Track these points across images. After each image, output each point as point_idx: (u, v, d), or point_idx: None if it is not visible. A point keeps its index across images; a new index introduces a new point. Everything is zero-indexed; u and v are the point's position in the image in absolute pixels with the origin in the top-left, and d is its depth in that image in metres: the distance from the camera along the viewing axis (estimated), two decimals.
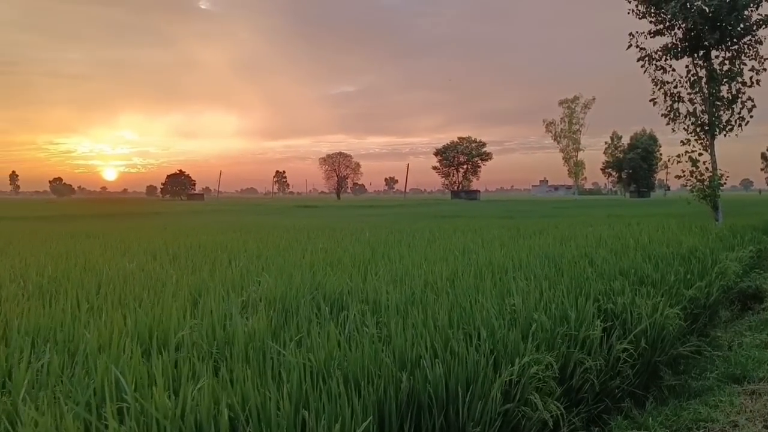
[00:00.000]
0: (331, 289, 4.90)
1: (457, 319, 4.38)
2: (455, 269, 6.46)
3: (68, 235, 12.68)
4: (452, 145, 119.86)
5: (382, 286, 5.18)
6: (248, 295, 4.89)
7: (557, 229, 12.96)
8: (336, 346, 3.41)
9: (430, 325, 3.95)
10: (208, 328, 3.85)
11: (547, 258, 7.59)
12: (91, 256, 8.15)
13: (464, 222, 19.84)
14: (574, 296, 5.68)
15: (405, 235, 11.55)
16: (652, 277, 6.98)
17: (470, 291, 5.22)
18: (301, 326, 3.73)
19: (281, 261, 7.26)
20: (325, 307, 4.37)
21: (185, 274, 6.40)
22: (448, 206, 54.22)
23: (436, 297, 4.81)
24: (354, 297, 4.70)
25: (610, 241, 9.64)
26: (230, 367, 3.07)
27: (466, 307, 4.63)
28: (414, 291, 4.99)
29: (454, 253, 8.18)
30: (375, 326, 4.02)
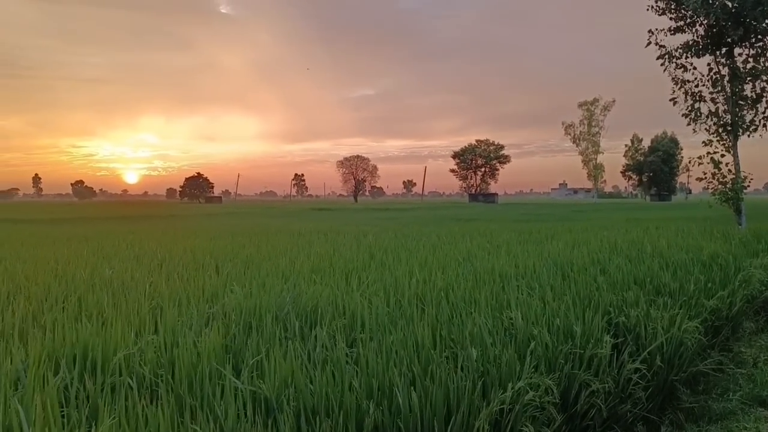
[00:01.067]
0: (308, 301, 4.42)
1: (446, 336, 3.89)
2: (453, 278, 5.96)
3: (65, 238, 12.35)
4: (470, 148, 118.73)
5: (367, 297, 4.70)
6: (218, 307, 4.43)
7: (570, 233, 12.38)
8: (295, 371, 2.93)
9: (412, 344, 3.47)
10: (159, 347, 3.39)
11: (555, 265, 7.07)
12: (74, 261, 7.76)
13: (477, 225, 19.30)
14: (581, 308, 5.16)
15: (410, 240, 11.06)
16: (669, 287, 6.43)
17: (465, 303, 4.72)
18: (263, 346, 3.25)
19: (270, 268, 6.81)
20: (295, 321, 3.89)
21: (164, 281, 5.97)
22: (464, 209, 53.61)
23: (423, 310, 4.31)
24: (334, 310, 4.21)
25: (625, 247, 9.08)
26: (158, 398, 2.60)
27: (457, 323, 4.14)
28: (402, 303, 4.50)
29: (456, 259, 7.67)
30: (348, 345, 3.55)
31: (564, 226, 16.05)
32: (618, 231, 13.35)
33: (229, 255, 8.51)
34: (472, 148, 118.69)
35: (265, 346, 3.22)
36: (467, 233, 12.93)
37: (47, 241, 11.65)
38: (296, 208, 58.11)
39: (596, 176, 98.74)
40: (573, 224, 19.10)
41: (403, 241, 10.69)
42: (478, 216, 33.52)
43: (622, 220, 24.21)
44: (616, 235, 11.65)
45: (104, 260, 7.91)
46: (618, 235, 12.00)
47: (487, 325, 4.23)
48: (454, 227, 16.36)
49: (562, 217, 30.72)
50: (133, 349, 3.26)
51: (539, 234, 12.53)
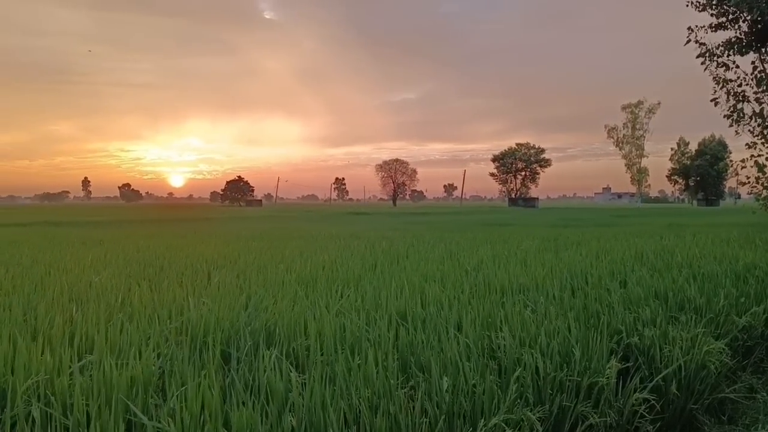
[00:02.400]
0: (271, 317, 3.99)
1: (416, 361, 3.42)
2: (450, 291, 5.48)
3: (80, 241, 12.24)
4: (510, 152, 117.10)
5: (343, 314, 4.26)
6: (176, 323, 4.04)
7: (598, 241, 11.71)
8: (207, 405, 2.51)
9: (370, 373, 3.02)
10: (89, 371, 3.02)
11: (571, 276, 6.51)
12: (71, 266, 7.53)
13: (506, 231, 18.67)
14: (585, 327, 4.63)
15: (428, 246, 10.57)
16: (695, 302, 5.82)
17: (452, 320, 4.24)
18: (187, 378, 2.83)
19: (261, 278, 6.42)
20: (248, 343, 3.46)
21: (147, 291, 5.64)
22: (501, 214, 52.69)
23: (405, 329, 3.84)
24: (292, 331, 3.78)
25: (653, 256, 8.44)
26: None
27: (435, 345, 3.66)
28: (378, 322, 4.04)
29: (465, 268, 7.18)
30: (300, 371, 3.12)
31: (595, 233, 15.33)
32: (652, 238, 12.62)
33: (230, 261, 8.18)
34: (512, 151, 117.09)
35: (189, 380, 2.78)
36: (491, 239, 12.38)
37: (61, 244, 11.53)
38: (333, 212, 58.01)
39: (640, 180, 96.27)
40: (608, 230, 18.31)
41: (418, 247, 10.21)
42: (513, 221, 32.77)
43: (663, 225, 23.24)
44: (648, 243, 10.97)
45: (103, 266, 7.64)
46: (652, 242, 11.31)
47: (469, 348, 3.74)
48: (480, 233, 15.79)
49: (601, 223, 29.76)
50: (48, 375, 2.88)
51: (566, 240, 11.91)
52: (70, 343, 3.52)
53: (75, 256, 8.88)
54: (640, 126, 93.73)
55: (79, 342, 3.59)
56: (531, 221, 32.87)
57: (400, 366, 3.42)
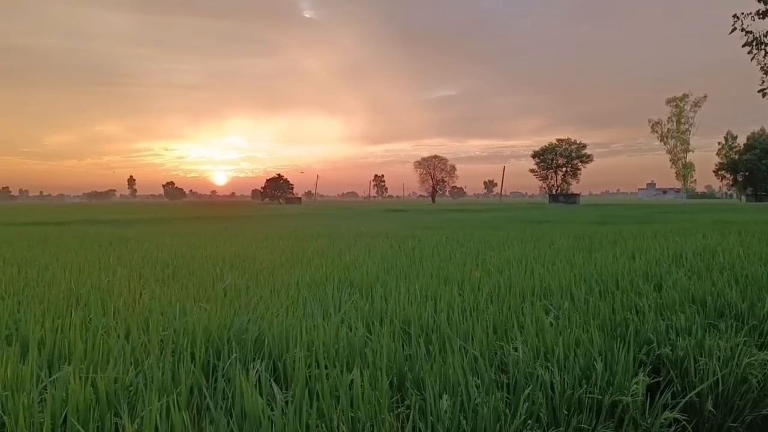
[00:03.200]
0: (261, 328, 3.71)
1: (415, 377, 3.10)
2: (469, 295, 5.14)
3: (108, 240, 12.21)
4: (550, 147, 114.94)
5: (346, 323, 3.96)
6: (170, 330, 3.80)
7: (636, 239, 11.17)
8: None
9: (355, 393, 2.71)
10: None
11: (601, 278, 6.08)
12: (87, 266, 7.41)
13: (544, 229, 18.14)
14: (610, 337, 4.24)
15: (455, 245, 10.21)
16: (736, 307, 5.36)
17: (462, 329, 3.90)
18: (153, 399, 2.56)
19: (273, 279, 6.17)
20: (233, 355, 3.19)
21: (151, 294, 5.44)
22: (541, 211, 51.79)
23: (408, 338, 3.51)
24: (284, 341, 3.48)
25: (693, 257, 7.92)
26: None
27: (439, 358, 3.33)
28: (380, 332, 3.72)
29: (489, 269, 6.81)
30: (285, 387, 2.83)
31: (634, 230, 14.71)
32: (694, 236, 11.99)
33: (249, 261, 7.97)
34: (553, 147, 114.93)
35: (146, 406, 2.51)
36: (523, 238, 11.93)
37: (89, 243, 11.52)
38: (370, 209, 57.84)
39: (685, 176, 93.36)
40: (649, 227, 17.61)
41: (445, 246, 9.85)
42: (552, 218, 32.06)
43: (708, 222, 22.35)
44: (689, 242, 10.39)
45: (120, 266, 7.50)
46: (693, 241, 10.73)
47: (478, 362, 3.41)
48: (513, 231, 15.31)
49: (643, 220, 28.90)
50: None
51: (602, 239, 11.39)
52: (44, 352, 3.30)
53: (96, 256, 8.79)
54: (685, 120, 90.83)
55: (59, 351, 3.37)
56: (570, 218, 32.11)
57: (398, 382, 3.11)
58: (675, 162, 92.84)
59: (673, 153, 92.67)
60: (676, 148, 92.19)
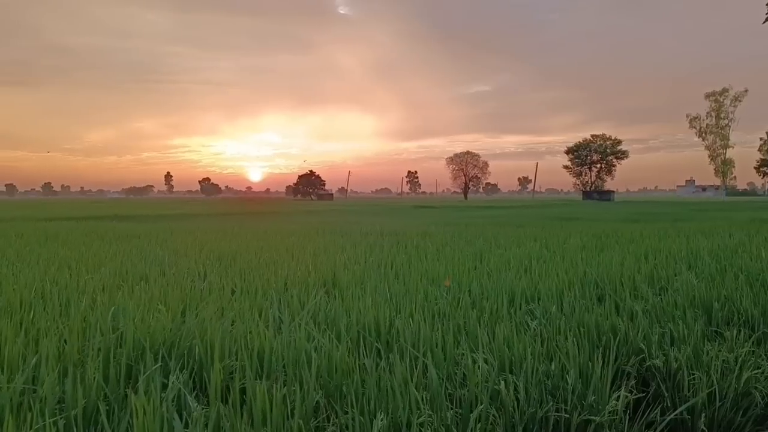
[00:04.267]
0: (203, 333, 3.42)
1: (353, 392, 2.77)
2: (453, 300, 4.80)
3: (121, 235, 12.14)
4: (584, 143, 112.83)
5: (298, 329, 3.66)
6: (112, 335, 3.54)
7: (658, 238, 10.64)
8: None
9: (257, 413, 2.39)
10: None
11: (599, 282, 5.67)
12: (79, 264, 7.26)
13: (569, 226, 17.62)
14: (595, 346, 3.86)
15: (463, 243, 9.84)
16: (748, 313, 4.91)
17: (424, 338, 3.56)
18: None
19: (255, 279, 5.91)
20: (156, 365, 2.91)
21: (126, 294, 5.23)
22: (573, 207, 50.87)
23: (353, 350, 3.19)
24: (226, 349, 3.19)
25: (710, 257, 7.43)
26: None
27: (382, 373, 2.99)
28: (332, 339, 3.41)
29: (486, 270, 6.44)
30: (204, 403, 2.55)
31: (662, 228, 14.11)
32: (719, 235, 11.41)
33: (241, 259, 7.74)
34: (587, 143, 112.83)
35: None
36: (539, 236, 11.49)
37: (98, 239, 11.44)
38: (399, 206, 57.55)
39: (725, 172, 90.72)
40: (679, 225, 16.96)
41: (453, 245, 9.48)
42: (582, 215, 31.35)
43: (744, 220, 21.53)
44: (714, 241, 9.85)
45: (111, 263, 7.34)
46: (717, 240, 10.18)
47: (429, 374, 3.07)
48: (533, 229, 14.82)
49: (677, 217, 28.05)
50: None
51: (621, 237, 10.89)
52: None
53: (94, 252, 8.66)
54: (724, 115, 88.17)
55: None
56: (600, 215, 31.36)
57: (337, 398, 2.79)
58: (714, 158, 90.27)
59: (712, 149, 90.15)
60: (715, 143, 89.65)
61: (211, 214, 33.04)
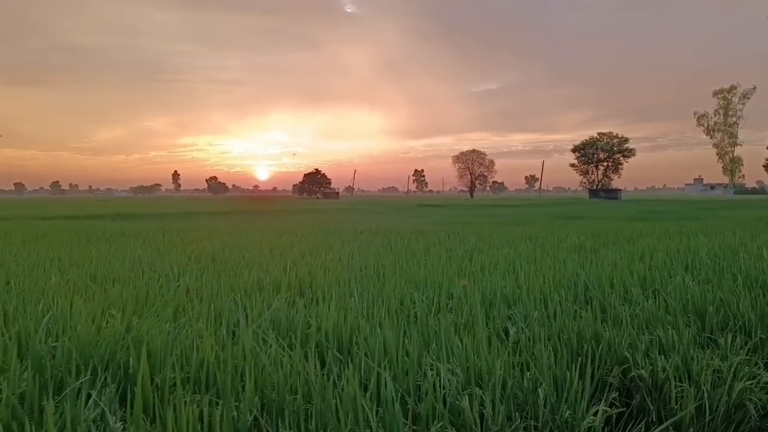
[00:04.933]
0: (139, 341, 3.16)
1: (287, 412, 2.50)
2: (427, 305, 4.52)
3: (108, 234, 11.92)
4: (591, 141, 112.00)
5: (238, 344, 3.40)
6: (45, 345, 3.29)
7: (658, 238, 10.33)
8: None
9: None
10: None
11: (588, 285, 5.37)
12: (48, 263, 7.03)
13: (572, 225, 17.33)
14: (571, 356, 3.58)
15: (455, 243, 9.57)
16: (744, 318, 4.61)
17: (387, 346, 3.29)
18: None
19: (230, 281, 5.65)
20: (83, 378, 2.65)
21: (89, 298, 4.99)
22: (579, 206, 50.50)
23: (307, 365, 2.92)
24: (162, 360, 2.93)
25: (709, 259, 7.13)
26: None
27: (327, 385, 2.73)
28: (258, 351, 3.15)
29: (471, 271, 6.17)
30: None
31: (664, 227, 13.79)
32: (723, 234, 11.09)
33: (219, 260, 7.49)
34: (594, 141, 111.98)
35: None
36: (536, 235, 11.19)
37: (85, 238, 11.23)
38: (404, 205, 57.30)
39: (733, 170, 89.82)
40: (683, 224, 16.63)
41: (441, 245, 9.20)
42: (587, 214, 31.04)
43: (751, 219, 21.19)
44: (715, 240, 9.53)
45: (89, 263, 7.10)
46: (719, 239, 9.86)
47: (384, 388, 2.80)
48: (532, 228, 14.53)
49: (683, 216, 27.73)
50: None
51: (619, 237, 10.58)
52: None
53: (77, 252, 8.43)
54: (733, 113, 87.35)
55: None
56: (605, 214, 31.04)
57: (265, 415, 2.52)
58: (722, 156, 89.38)
59: (719, 147, 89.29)
60: (723, 141, 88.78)
61: (212, 212, 32.85)
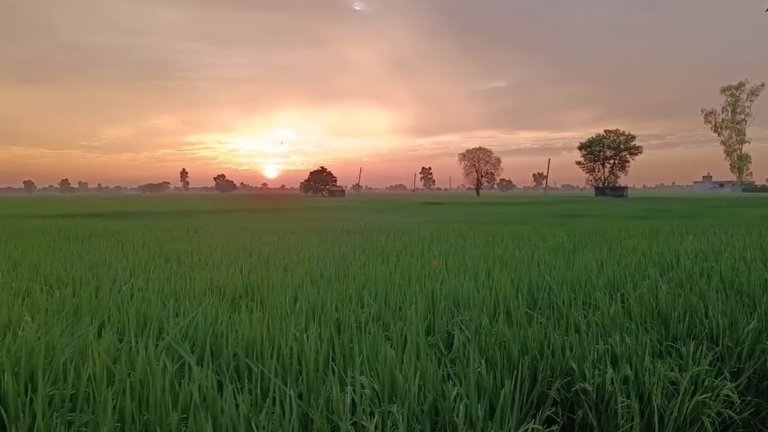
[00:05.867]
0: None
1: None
2: (367, 311, 4.28)
3: (91, 233, 11.74)
4: (597, 139, 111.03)
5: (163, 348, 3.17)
6: None
7: (647, 238, 10.05)
8: None
9: None
10: None
11: (552, 288, 5.10)
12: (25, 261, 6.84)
13: (569, 223, 17.08)
14: (509, 368, 3.34)
15: (435, 241, 9.33)
16: (712, 324, 4.33)
17: (304, 365, 3.05)
18: None
19: (179, 283, 5.43)
20: None
21: (27, 303, 4.79)
22: (584, 204, 50.07)
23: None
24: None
25: (690, 260, 6.85)
26: None
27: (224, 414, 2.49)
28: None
29: (443, 273, 5.92)
30: None
31: (655, 227, 13.49)
32: (715, 234, 10.79)
33: (188, 261, 7.27)
34: (600, 138, 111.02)
35: None
36: (521, 234, 10.93)
37: (62, 237, 11.05)
38: (407, 203, 56.99)
39: (740, 168, 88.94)
40: (681, 222, 16.33)
41: (419, 246, 8.95)
42: (589, 212, 30.73)
43: (755, 217, 20.86)
44: (700, 240, 9.24)
45: (58, 263, 6.91)
46: (708, 239, 9.57)
47: (294, 407, 2.55)
48: (521, 227, 14.27)
49: (686, 214, 27.40)
50: None
51: (607, 235, 10.32)
52: None
53: (46, 252, 8.24)
54: (741, 110, 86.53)
55: None
56: (607, 212, 30.72)
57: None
58: (729, 153, 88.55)
59: (727, 144, 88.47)
60: (730, 139, 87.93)
61: (213, 210, 32.75)
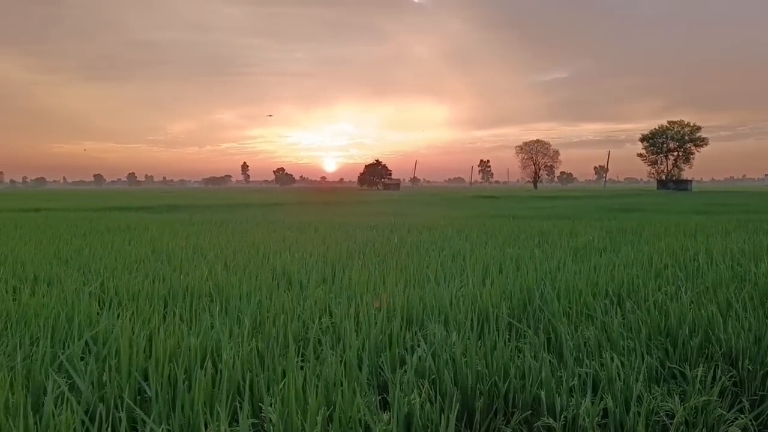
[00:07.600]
0: None
1: None
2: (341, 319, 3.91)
3: (113, 229, 11.77)
4: (661, 130, 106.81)
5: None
6: None
7: (694, 237, 9.34)
8: None
9: None
10: None
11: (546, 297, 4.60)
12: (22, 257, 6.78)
13: (618, 219, 16.27)
14: (472, 397, 2.91)
15: (455, 240, 8.89)
16: (731, 341, 3.76)
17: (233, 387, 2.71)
18: None
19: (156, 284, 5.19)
20: None
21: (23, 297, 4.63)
22: (644, 198, 48.25)
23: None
24: None
25: (725, 264, 6.20)
26: None
27: None
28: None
29: (428, 276, 5.51)
30: None
31: (709, 223, 12.63)
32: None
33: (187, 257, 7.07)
34: (663, 130, 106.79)
35: None
36: (548, 231, 10.34)
37: (89, 232, 11.10)
38: (459, 196, 56.23)
39: None
40: (743, 217, 15.30)
41: (437, 243, 8.51)
42: (647, 206, 29.49)
43: None
44: (751, 240, 8.49)
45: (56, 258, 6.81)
46: (765, 238, 8.82)
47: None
48: (571, 223, 13.59)
49: (753, 209, 25.91)
50: None
51: (647, 233, 9.64)
52: None
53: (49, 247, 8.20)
54: None
55: None
56: (667, 207, 29.36)
57: None
58: None
59: None
60: None
61: (263, 203, 32.94)
